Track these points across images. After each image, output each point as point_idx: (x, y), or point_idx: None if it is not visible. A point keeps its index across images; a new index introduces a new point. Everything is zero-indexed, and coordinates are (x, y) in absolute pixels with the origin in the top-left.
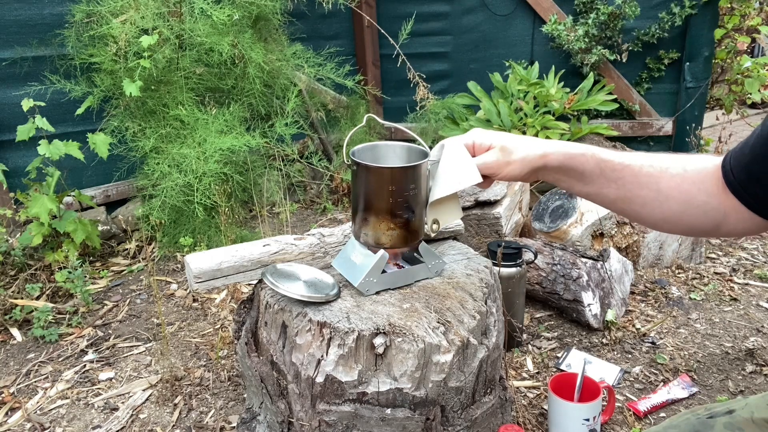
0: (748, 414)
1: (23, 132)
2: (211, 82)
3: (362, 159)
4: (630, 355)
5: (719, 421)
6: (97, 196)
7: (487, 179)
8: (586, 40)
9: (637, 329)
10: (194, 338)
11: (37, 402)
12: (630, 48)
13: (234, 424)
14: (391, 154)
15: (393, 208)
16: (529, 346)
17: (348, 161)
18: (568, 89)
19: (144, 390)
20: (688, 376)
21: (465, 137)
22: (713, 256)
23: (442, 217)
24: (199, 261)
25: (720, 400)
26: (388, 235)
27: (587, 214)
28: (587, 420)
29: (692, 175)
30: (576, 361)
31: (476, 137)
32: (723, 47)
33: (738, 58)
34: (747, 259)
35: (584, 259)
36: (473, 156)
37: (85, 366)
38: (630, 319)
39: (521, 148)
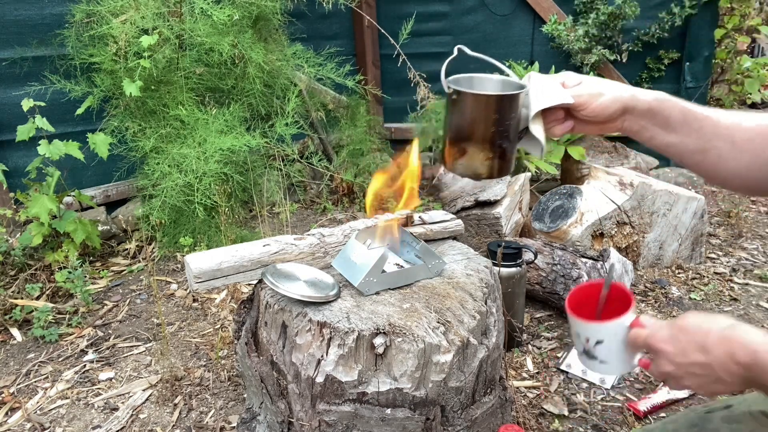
0: (745, 408)
1: (23, 132)
2: (211, 82)
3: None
4: None
5: (717, 415)
6: (97, 196)
7: (571, 120)
8: (586, 40)
9: None
10: (194, 338)
11: (37, 402)
12: (630, 48)
13: (234, 424)
14: (488, 86)
15: (494, 137)
16: (529, 346)
17: (448, 89)
18: None
19: (144, 390)
20: None
21: (555, 76)
22: (713, 256)
23: (539, 134)
24: (199, 261)
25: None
26: (486, 165)
27: (587, 214)
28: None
29: (765, 129)
30: (576, 362)
31: (567, 77)
32: (723, 47)
33: (738, 58)
34: (747, 260)
35: (584, 259)
36: None
37: (85, 366)
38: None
39: (613, 85)
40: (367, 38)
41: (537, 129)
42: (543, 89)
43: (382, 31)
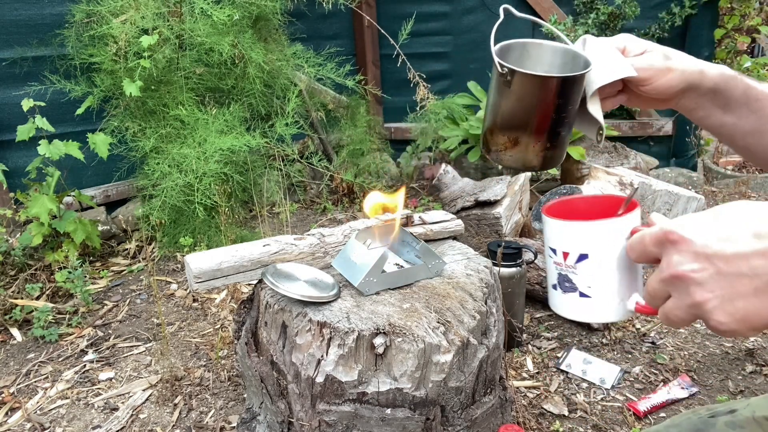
0: (749, 413)
1: (23, 132)
2: (211, 82)
3: (512, 64)
4: (630, 355)
5: (720, 420)
6: (97, 196)
7: (631, 94)
8: None
9: (637, 329)
10: (194, 338)
11: (37, 402)
12: None
13: (234, 424)
14: (544, 56)
15: (555, 125)
16: (529, 346)
17: (501, 70)
18: None
19: (144, 390)
20: (688, 376)
21: (613, 39)
22: None
23: (597, 114)
24: (199, 261)
25: (720, 400)
26: (541, 156)
27: None
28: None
29: None
30: (576, 361)
31: (628, 42)
32: (723, 47)
33: (738, 58)
34: None
35: None
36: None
37: (85, 366)
38: (630, 319)
39: (681, 57)
40: (367, 38)
41: (595, 107)
42: (603, 59)
43: (382, 31)
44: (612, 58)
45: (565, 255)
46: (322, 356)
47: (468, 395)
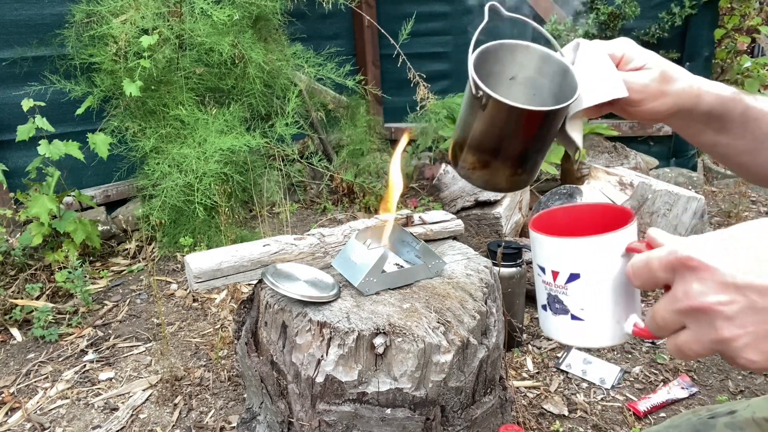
0: (749, 414)
1: (23, 132)
2: (211, 82)
3: (486, 76)
4: (630, 355)
5: (720, 421)
6: (97, 196)
7: (618, 107)
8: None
9: None
10: (194, 338)
11: (37, 402)
12: None
13: (234, 424)
14: (530, 65)
15: (529, 153)
16: (529, 346)
17: (475, 91)
18: None
19: (144, 390)
20: (688, 376)
21: (611, 45)
22: None
23: (576, 136)
24: (199, 261)
25: (720, 400)
26: (511, 181)
27: None
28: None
29: None
30: (576, 361)
31: (627, 49)
32: (723, 47)
33: (738, 58)
34: None
35: None
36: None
37: (85, 366)
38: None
39: (679, 80)
40: (367, 38)
41: (575, 129)
42: (593, 74)
43: (382, 31)
44: (603, 73)
45: (555, 274)
46: (322, 356)
47: (468, 395)
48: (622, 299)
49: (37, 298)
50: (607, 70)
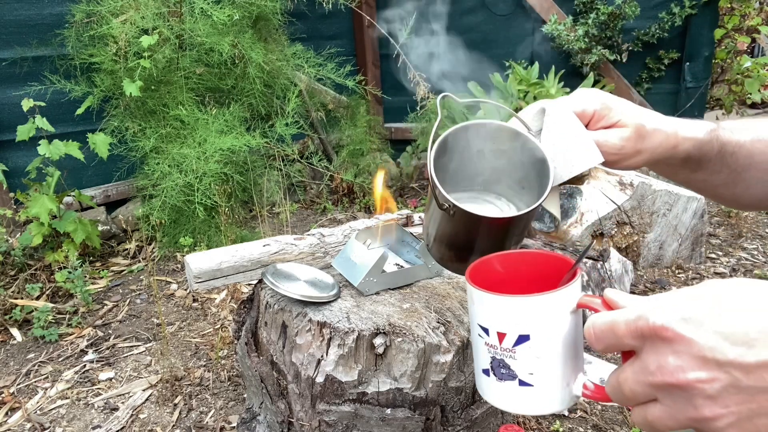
0: None
1: (23, 132)
2: (211, 82)
3: (451, 152)
4: None
5: None
6: (97, 196)
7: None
8: (586, 40)
9: None
10: (194, 338)
11: (37, 402)
12: (630, 48)
13: (234, 424)
14: (501, 149)
15: (504, 246)
16: None
17: (443, 204)
18: (568, 89)
19: (144, 390)
20: None
21: (578, 102)
22: (713, 256)
23: (553, 208)
24: (199, 261)
25: None
26: None
27: (587, 214)
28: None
29: None
30: None
31: (596, 105)
32: (723, 47)
33: (738, 58)
34: (747, 259)
35: (584, 259)
36: (587, 127)
37: (85, 366)
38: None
39: (656, 131)
40: (366, 38)
41: (552, 202)
42: (564, 144)
43: (382, 31)
44: (575, 140)
45: (501, 336)
46: (322, 356)
47: (468, 395)
48: (570, 360)
49: (37, 298)
50: (579, 136)
